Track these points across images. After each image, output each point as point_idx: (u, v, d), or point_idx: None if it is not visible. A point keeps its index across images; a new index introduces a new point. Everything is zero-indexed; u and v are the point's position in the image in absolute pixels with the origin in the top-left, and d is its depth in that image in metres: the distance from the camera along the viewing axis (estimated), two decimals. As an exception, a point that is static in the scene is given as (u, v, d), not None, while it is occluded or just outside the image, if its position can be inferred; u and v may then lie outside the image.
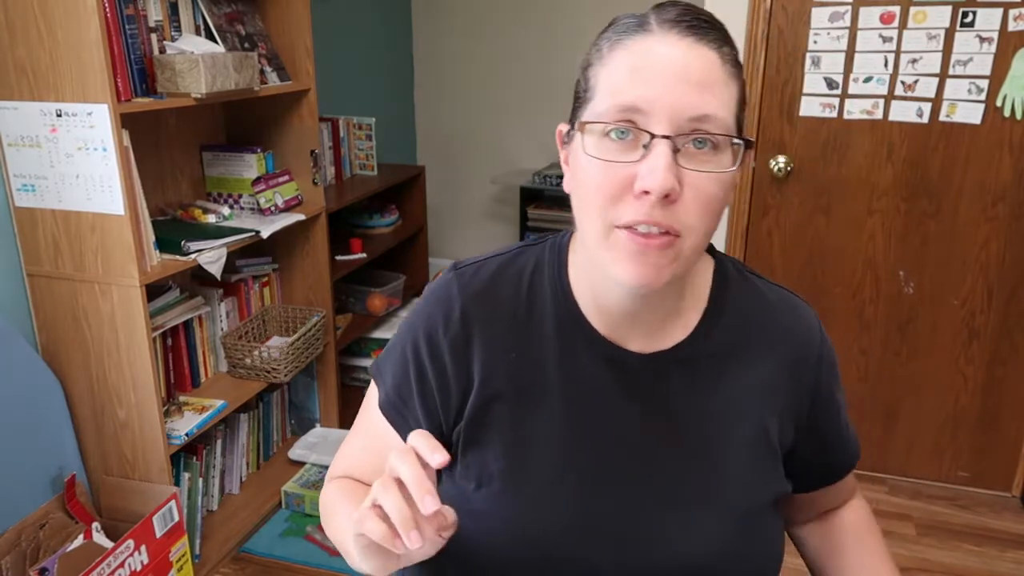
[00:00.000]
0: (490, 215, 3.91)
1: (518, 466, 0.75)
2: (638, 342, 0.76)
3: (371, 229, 3.04)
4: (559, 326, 0.76)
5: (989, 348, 2.29)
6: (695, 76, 0.63)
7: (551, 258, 0.79)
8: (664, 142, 0.62)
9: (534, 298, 0.77)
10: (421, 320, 0.79)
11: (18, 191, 1.74)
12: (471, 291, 0.77)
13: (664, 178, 0.61)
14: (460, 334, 0.76)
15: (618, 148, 0.64)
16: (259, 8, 2.27)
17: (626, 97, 0.63)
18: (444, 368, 0.77)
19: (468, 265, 0.81)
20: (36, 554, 1.64)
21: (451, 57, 3.73)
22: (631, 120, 0.63)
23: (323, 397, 2.62)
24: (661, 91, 0.62)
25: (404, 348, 0.80)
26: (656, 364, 0.76)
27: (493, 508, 0.75)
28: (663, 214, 0.63)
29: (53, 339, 1.84)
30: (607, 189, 0.64)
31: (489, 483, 0.75)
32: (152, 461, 1.87)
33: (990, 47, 2.05)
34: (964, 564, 2.10)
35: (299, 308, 2.45)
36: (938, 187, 2.21)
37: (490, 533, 0.75)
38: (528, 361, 0.76)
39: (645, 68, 0.63)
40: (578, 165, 0.68)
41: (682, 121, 0.62)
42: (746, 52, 2.24)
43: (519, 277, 0.78)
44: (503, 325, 0.76)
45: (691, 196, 0.63)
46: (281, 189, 2.27)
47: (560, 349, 0.76)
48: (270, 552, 2.12)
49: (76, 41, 1.58)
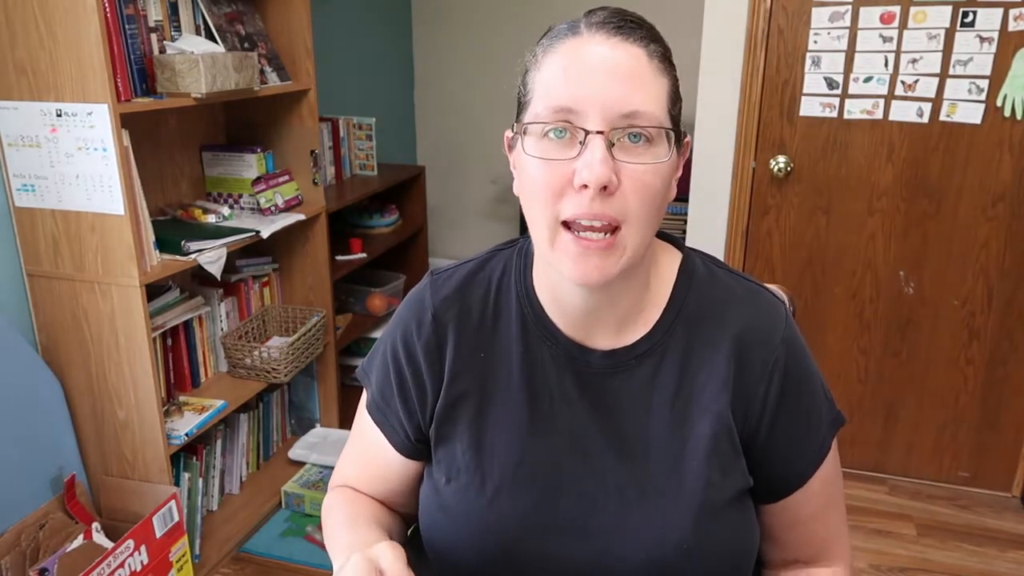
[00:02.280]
0: (490, 215, 3.91)
1: (482, 460, 0.79)
2: (601, 340, 0.78)
3: (371, 229, 3.04)
4: (524, 327, 0.80)
5: (989, 348, 2.29)
6: (622, 72, 0.66)
7: (518, 262, 0.82)
8: (598, 137, 0.65)
9: (501, 301, 0.81)
10: (398, 326, 0.84)
11: (18, 191, 1.74)
12: (441, 296, 0.82)
13: (600, 172, 0.64)
14: (432, 338, 0.81)
15: (557, 147, 0.67)
16: (259, 8, 2.27)
17: (560, 98, 0.66)
18: (419, 370, 0.82)
19: (442, 272, 0.85)
20: (36, 554, 1.64)
21: (451, 57, 3.73)
22: (566, 120, 0.66)
23: (323, 397, 2.62)
24: (591, 89, 0.65)
25: (384, 352, 0.85)
26: (617, 361, 0.78)
27: (460, 501, 0.79)
28: (603, 206, 0.66)
29: (53, 339, 1.84)
30: (550, 186, 0.67)
31: (457, 476, 0.80)
32: (152, 461, 1.87)
33: (990, 47, 2.05)
34: (964, 564, 2.10)
35: (299, 308, 2.45)
36: (938, 187, 2.21)
37: (459, 526, 0.79)
38: (494, 361, 0.80)
39: (574, 68, 0.66)
40: (523, 166, 0.71)
41: (614, 116, 0.65)
42: (746, 52, 2.24)
43: (488, 282, 0.83)
44: (472, 327, 0.81)
45: (630, 188, 0.66)
46: (281, 189, 2.27)
47: (524, 349, 0.79)
48: (270, 552, 2.12)
49: (76, 41, 1.58)
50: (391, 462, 0.88)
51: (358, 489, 0.92)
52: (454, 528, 0.79)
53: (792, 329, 0.80)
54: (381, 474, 0.90)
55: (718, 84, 2.31)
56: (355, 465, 0.93)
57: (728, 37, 2.25)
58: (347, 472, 0.94)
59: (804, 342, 0.82)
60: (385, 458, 0.88)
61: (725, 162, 2.37)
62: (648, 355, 0.78)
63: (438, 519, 0.81)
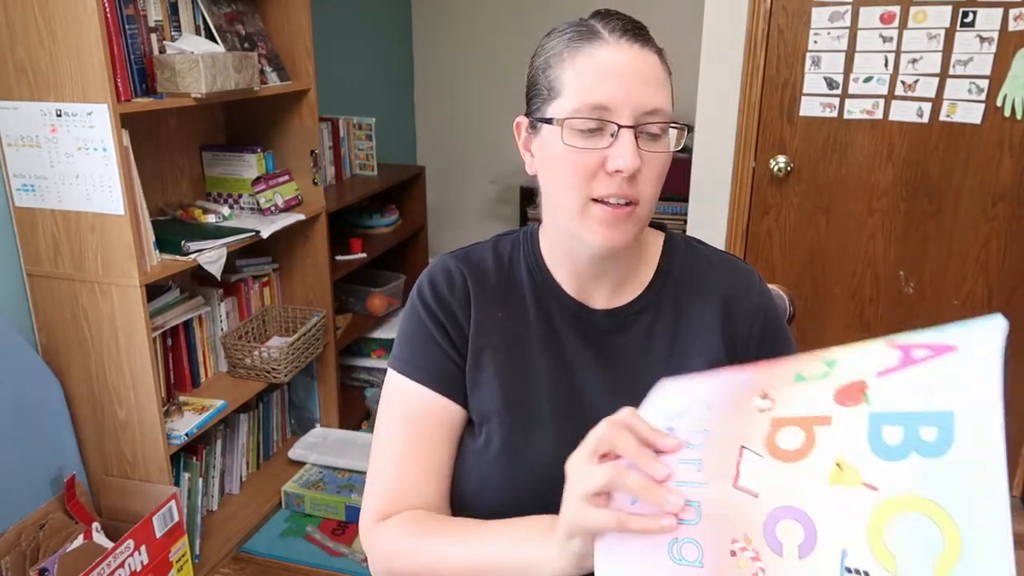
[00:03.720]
0: (490, 215, 3.91)
1: (510, 402, 0.87)
2: (602, 300, 0.91)
3: (371, 229, 3.04)
4: (535, 291, 0.92)
5: (989, 348, 2.29)
6: (646, 76, 0.79)
7: (525, 239, 0.95)
8: (629, 131, 0.77)
9: (513, 270, 0.93)
10: (427, 287, 0.91)
11: (18, 191, 1.74)
12: (464, 263, 0.93)
13: (632, 160, 0.76)
14: (461, 288, 0.91)
15: (589, 137, 0.79)
16: (259, 8, 2.27)
17: (596, 97, 0.77)
18: (453, 311, 0.90)
19: (457, 249, 0.96)
20: (36, 554, 1.64)
21: (451, 57, 3.73)
22: (601, 117, 0.78)
23: (323, 397, 2.62)
24: (623, 90, 0.77)
25: (415, 310, 0.91)
26: (619, 317, 0.90)
27: (493, 443, 0.86)
28: (629, 187, 0.79)
29: (53, 339, 1.84)
30: (584, 170, 0.79)
31: (488, 420, 0.87)
32: (152, 461, 1.87)
33: (990, 47, 2.05)
34: (964, 564, 2.10)
35: (299, 308, 2.45)
36: (938, 187, 2.21)
37: (491, 468, 0.85)
38: (513, 315, 0.91)
39: (608, 72, 0.78)
40: (552, 154, 0.81)
41: (640, 114, 0.77)
42: (746, 52, 2.24)
43: (499, 255, 0.94)
44: (490, 290, 0.92)
45: (647, 172, 0.79)
46: (281, 189, 2.27)
47: (537, 309, 0.91)
48: (270, 552, 2.12)
49: (76, 41, 1.58)
50: (435, 424, 0.86)
51: (404, 501, 0.86)
52: (487, 471, 0.85)
53: (765, 288, 0.94)
54: (429, 443, 0.87)
55: (718, 84, 2.31)
56: (408, 471, 0.87)
57: (728, 37, 2.25)
58: (395, 486, 0.87)
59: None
60: (429, 424, 0.86)
61: (725, 162, 2.37)
62: (644, 311, 0.91)
63: (471, 463, 0.87)
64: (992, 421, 0.48)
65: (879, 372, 0.54)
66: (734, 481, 0.56)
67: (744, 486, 0.56)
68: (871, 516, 0.50)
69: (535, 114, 0.84)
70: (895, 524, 0.50)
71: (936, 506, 0.48)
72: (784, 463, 0.55)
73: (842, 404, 0.55)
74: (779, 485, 0.55)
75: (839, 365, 0.57)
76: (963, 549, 0.47)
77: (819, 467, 0.53)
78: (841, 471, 0.52)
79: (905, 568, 0.49)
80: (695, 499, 0.58)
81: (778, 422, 0.57)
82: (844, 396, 0.55)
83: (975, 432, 0.49)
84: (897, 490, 0.50)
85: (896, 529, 0.49)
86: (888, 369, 0.54)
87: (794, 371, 0.59)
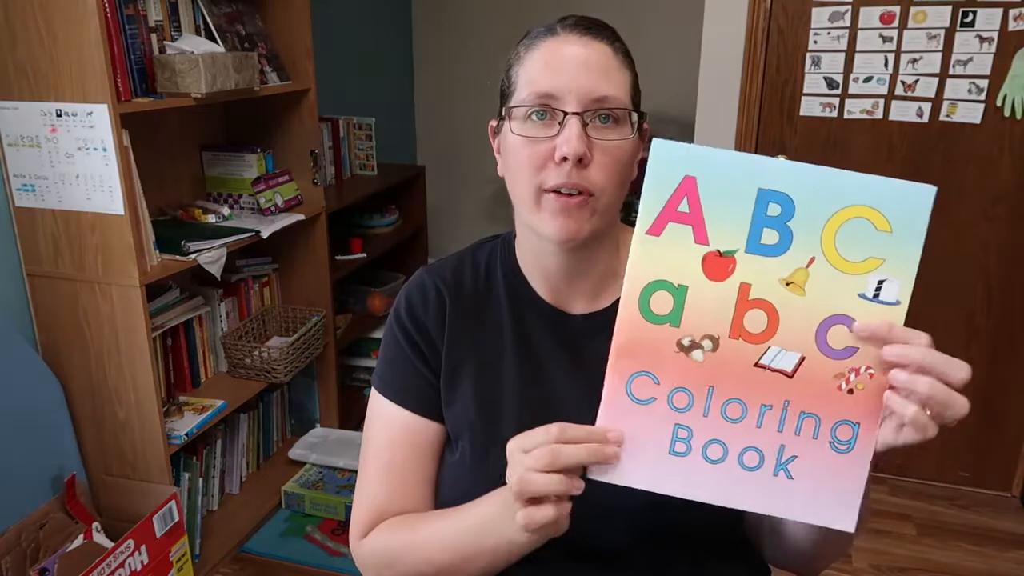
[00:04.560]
0: (490, 215, 3.91)
1: (484, 415, 0.86)
2: (579, 305, 0.89)
3: (371, 229, 3.04)
4: (511, 298, 0.91)
5: (989, 348, 2.29)
6: (593, 64, 0.79)
7: (502, 246, 0.95)
8: (575, 118, 0.77)
9: (490, 278, 0.93)
10: (403, 308, 0.92)
11: (18, 191, 1.74)
12: (439, 277, 0.93)
13: (576, 145, 0.76)
14: (435, 304, 0.91)
15: (538, 127, 0.79)
16: (259, 8, 2.27)
17: (542, 86, 0.78)
18: (427, 331, 0.90)
19: (434, 262, 0.96)
20: (36, 554, 1.64)
21: (451, 57, 3.73)
22: (547, 104, 0.78)
23: (323, 397, 2.62)
24: (568, 78, 0.78)
25: (392, 331, 0.92)
26: (595, 323, 0.88)
27: (467, 456, 0.86)
28: (579, 176, 0.78)
29: (53, 339, 1.84)
30: (534, 160, 0.79)
31: (462, 435, 0.87)
32: (152, 461, 1.87)
33: (990, 47, 2.05)
34: (964, 564, 2.10)
35: (299, 308, 2.45)
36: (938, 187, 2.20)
37: (467, 482, 0.84)
38: (488, 328, 0.90)
39: (554, 61, 0.79)
40: (508, 147, 0.83)
41: (587, 101, 0.77)
42: (746, 52, 2.24)
43: (476, 264, 0.94)
44: (466, 303, 0.91)
45: (600, 161, 0.78)
46: (281, 189, 2.27)
47: (512, 316, 0.90)
48: (270, 552, 2.12)
49: (76, 41, 1.58)
50: (417, 444, 0.88)
51: (391, 509, 0.88)
52: (463, 484, 0.84)
53: None
54: (415, 461, 0.88)
55: (718, 84, 2.31)
56: (392, 480, 0.89)
57: (728, 37, 2.25)
58: (379, 492, 0.89)
59: None
60: (411, 444, 0.88)
61: (725, 162, 2.36)
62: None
63: (452, 479, 0.87)
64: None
65: (696, 240, 0.66)
66: (788, 374, 0.66)
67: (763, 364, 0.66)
68: (833, 265, 0.64)
69: (500, 114, 0.86)
70: (842, 238, 0.64)
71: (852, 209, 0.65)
72: (779, 328, 0.65)
73: (727, 274, 0.66)
74: (793, 332, 0.65)
75: (662, 274, 0.66)
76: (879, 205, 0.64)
77: (787, 298, 0.65)
78: (796, 284, 0.65)
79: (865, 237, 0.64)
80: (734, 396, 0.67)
81: (732, 331, 0.66)
82: (716, 272, 0.66)
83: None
84: (815, 243, 0.64)
85: (843, 244, 0.64)
86: (698, 235, 0.66)
87: (644, 318, 0.67)
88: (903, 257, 0.63)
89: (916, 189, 0.63)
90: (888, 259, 0.63)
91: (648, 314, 0.66)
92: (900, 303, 0.63)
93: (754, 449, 0.66)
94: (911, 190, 0.63)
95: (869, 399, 0.64)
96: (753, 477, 0.66)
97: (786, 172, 0.64)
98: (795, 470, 0.66)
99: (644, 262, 0.66)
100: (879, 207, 0.64)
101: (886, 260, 0.63)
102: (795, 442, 0.65)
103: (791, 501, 0.66)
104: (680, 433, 0.67)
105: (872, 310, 0.63)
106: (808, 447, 0.65)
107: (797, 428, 0.65)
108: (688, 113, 2.58)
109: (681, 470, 0.67)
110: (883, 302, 0.63)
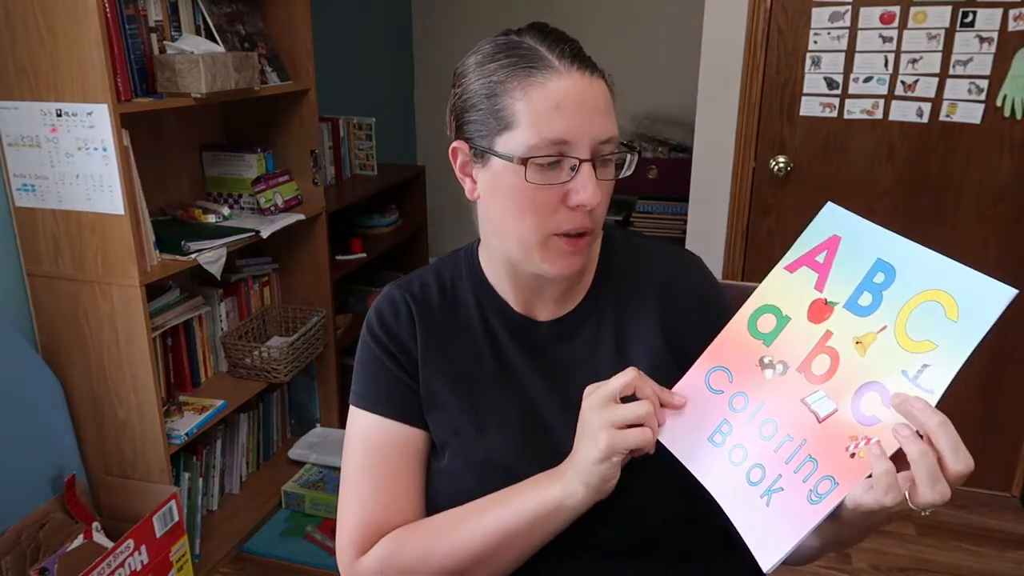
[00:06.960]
0: (490, 215, 3.91)
1: (467, 424, 0.87)
2: (547, 311, 0.91)
3: (371, 229, 3.04)
4: (479, 307, 0.92)
5: (989, 348, 2.29)
6: (601, 106, 0.79)
7: (466, 259, 0.96)
8: (589, 164, 0.77)
9: (457, 292, 0.94)
10: (375, 320, 0.93)
11: (18, 191, 1.74)
12: (406, 291, 0.94)
13: (595, 194, 0.77)
14: (407, 318, 0.91)
15: (551, 173, 0.78)
16: (259, 8, 2.27)
17: (556, 132, 0.76)
18: (403, 342, 0.91)
19: (401, 278, 0.97)
20: (36, 554, 1.64)
21: (451, 57, 3.70)
22: (561, 152, 0.77)
23: (323, 397, 2.62)
24: (581, 123, 0.77)
25: (367, 346, 0.92)
26: (562, 327, 0.91)
27: (456, 463, 0.86)
28: (590, 219, 0.80)
29: (53, 339, 1.84)
30: (547, 206, 0.79)
31: (448, 443, 0.88)
32: (152, 461, 1.87)
33: (990, 47, 2.05)
34: (964, 564, 2.10)
35: (299, 308, 2.45)
36: (938, 187, 2.21)
37: (462, 485, 0.85)
38: (459, 340, 0.91)
39: (565, 104, 0.77)
40: (507, 186, 0.80)
41: (596, 144, 0.78)
42: (746, 52, 2.24)
43: (442, 279, 0.95)
44: (435, 316, 0.92)
45: (603, 200, 0.80)
46: (281, 189, 2.27)
47: (483, 328, 0.91)
48: (270, 552, 2.12)
49: (76, 41, 1.58)
50: (401, 451, 0.87)
51: (383, 530, 0.86)
52: (454, 490, 0.85)
53: (709, 274, 0.96)
54: (402, 470, 0.87)
55: (718, 84, 2.31)
56: (374, 490, 0.87)
57: (728, 37, 2.26)
58: (370, 514, 0.86)
59: (719, 284, 0.98)
60: (396, 452, 0.87)
61: (725, 162, 2.37)
62: (588, 316, 0.91)
63: (443, 485, 0.87)
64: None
65: (815, 286, 0.74)
66: (819, 419, 0.70)
67: (819, 413, 0.70)
68: (896, 338, 0.67)
69: (479, 143, 0.81)
70: (914, 317, 0.67)
71: (926, 294, 0.67)
72: (833, 376, 0.70)
73: (822, 319, 0.72)
74: (841, 384, 0.69)
75: (779, 302, 0.76)
76: (957, 301, 0.65)
77: (851, 354, 0.69)
78: (862, 344, 0.69)
79: (931, 333, 0.66)
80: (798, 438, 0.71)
81: (801, 366, 0.72)
82: (816, 315, 0.73)
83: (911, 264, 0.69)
84: (893, 314, 0.68)
85: (913, 323, 0.66)
86: (819, 283, 0.74)
87: (748, 330, 0.77)
88: (956, 347, 0.64)
89: (995, 287, 0.64)
90: (941, 346, 0.65)
91: (752, 327, 0.77)
92: (934, 392, 0.64)
93: (761, 467, 0.71)
94: (990, 287, 0.64)
95: (861, 466, 0.66)
96: (747, 490, 0.71)
97: (902, 248, 0.70)
98: (775, 500, 0.69)
99: (772, 289, 0.77)
100: (955, 295, 0.65)
101: (939, 346, 0.65)
102: (790, 478, 0.69)
103: (750, 519, 0.70)
104: (723, 428, 0.74)
105: (907, 389, 0.66)
106: (794, 486, 0.69)
107: (798, 467, 0.69)
108: (688, 113, 2.58)
109: (708, 456, 0.74)
110: (919, 386, 0.65)
